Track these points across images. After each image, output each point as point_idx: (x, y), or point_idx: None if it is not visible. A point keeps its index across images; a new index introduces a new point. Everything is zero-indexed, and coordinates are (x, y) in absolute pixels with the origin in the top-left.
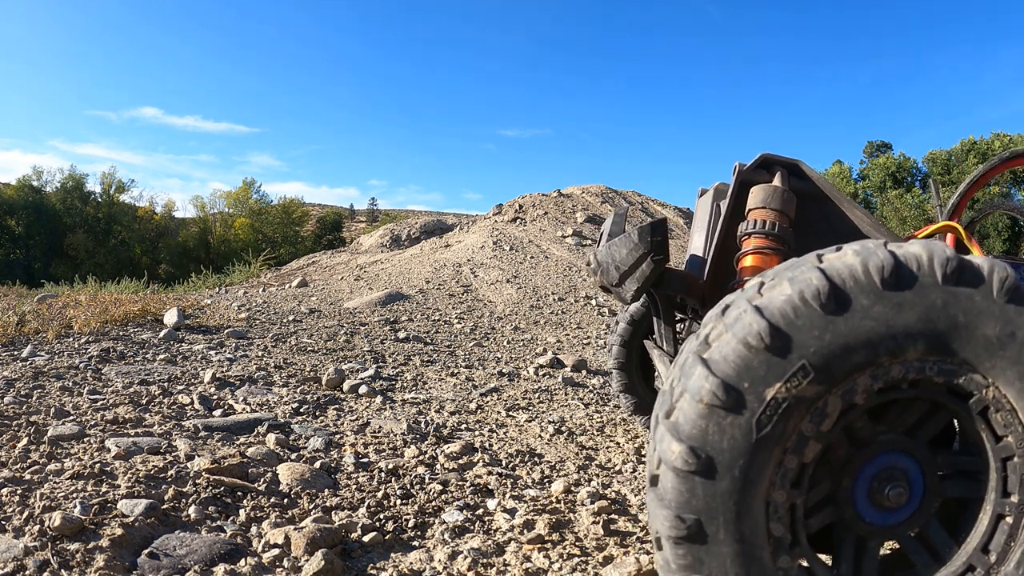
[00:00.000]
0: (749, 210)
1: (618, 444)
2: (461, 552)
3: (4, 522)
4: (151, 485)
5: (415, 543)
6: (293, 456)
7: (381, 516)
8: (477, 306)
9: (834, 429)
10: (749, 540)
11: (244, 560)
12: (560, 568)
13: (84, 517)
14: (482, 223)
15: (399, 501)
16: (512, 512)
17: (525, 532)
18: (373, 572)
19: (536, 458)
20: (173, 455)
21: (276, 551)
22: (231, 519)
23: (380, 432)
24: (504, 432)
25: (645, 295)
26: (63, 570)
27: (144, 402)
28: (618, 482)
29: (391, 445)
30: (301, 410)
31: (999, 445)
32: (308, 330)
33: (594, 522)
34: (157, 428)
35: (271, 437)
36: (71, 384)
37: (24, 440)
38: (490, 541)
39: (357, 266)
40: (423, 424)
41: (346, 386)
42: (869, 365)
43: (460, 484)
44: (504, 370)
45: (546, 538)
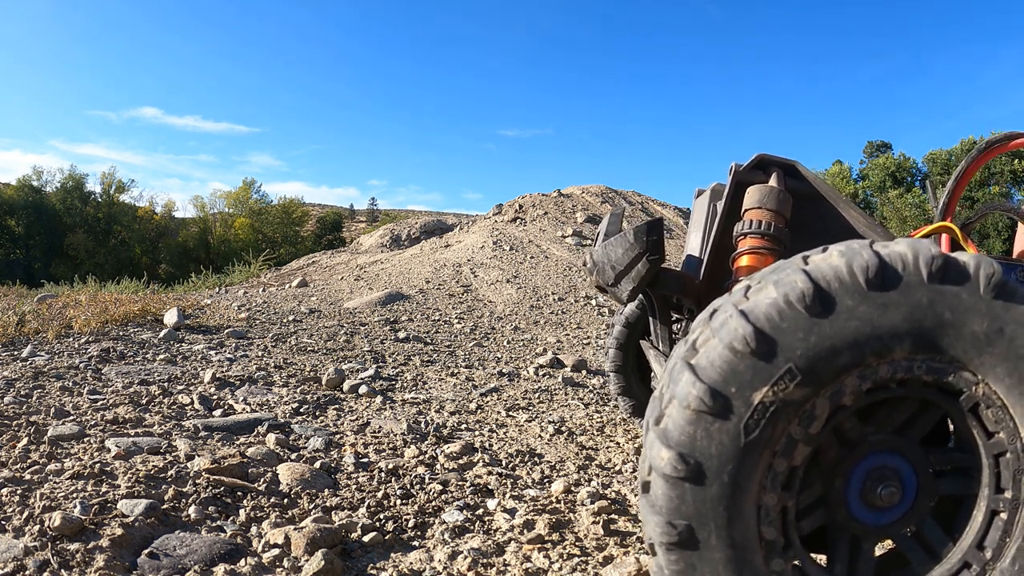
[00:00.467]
0: (745, 210)
1: (618, 444)
2: (461, 552)
3: (4, 522)
4: (151, 485)
5: (415, 543)
6: (293, 456)
7: (381, 516)
8: (477, 306)
9: (823, 431)
10: (741, 544)
11: (244, 560)
12: (560, 568)
13: (84, 517)
14: (482, 223)
15: (399, 501)
16: (512, 512)
17: (525, 532)
18: (373, 572)
19: (536, 458)
20: (173, 455)
21: (276, 551)
22: (231, 519)
23: (380, 432)
24: (504, 432)
25: (641, 295)
26: (63, 570)
27: (144, 402)
28: (618, 482)
29: (391, 445)
30: (301, 410)
31: (991, 441)
32: (308, 330)
33: (594, 522)
34: (157, 428)
35: (271, 437)
36: (71, 384)
37: (24, 440)
38: (490, 541)
39: (357, 266)
40: (423, 424)
41: (346, 386)
42: (856, 366)
43: (460, 484)
44: (504, 370)
45: (546, 538)
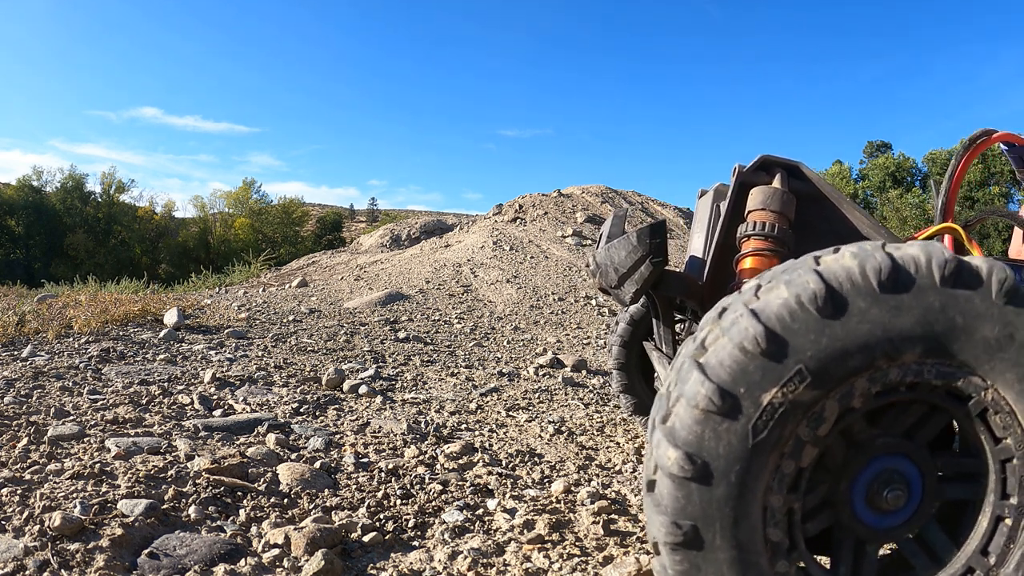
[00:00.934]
0: (748, 212)
1: (618, 444)
2: (461, 552)
3: (4, 522)
4: (151, 485)
5: (415, 543)
6: (293, 456)
7: (381, 516)
8: (477, 306)
9: (831, 433)
10: (746, 546)
11: (244, 560)
12: (560, 568)
13: (84, 517)
14: (482, 223)
15: (399, 501)
16: (512, 512)
17: (525, 532)
18: (373, 572)
19: (536, 458)
20: (173, 455)
21: (276, 551)
22: (231, 519)
23: (380, 432)
24: (504, 432)
25: (644, 297)
26: (63, 570)
27: (144, 402)
28: (618, 482)
29: (391, 445)
30: (301, 410)
31: (998, 447)
32: (308, 330)
33: (594, 522)
34: (157, 428)
35: (271, 437)
36: (71, 384)
37: (24, 440)
38: (490, 541)
39: (357, 266)
40: (423, 424)
41: (346, 386)
42: (866, 369)
43: (460, 484)
44: (504, 370)
45: (546, 538)
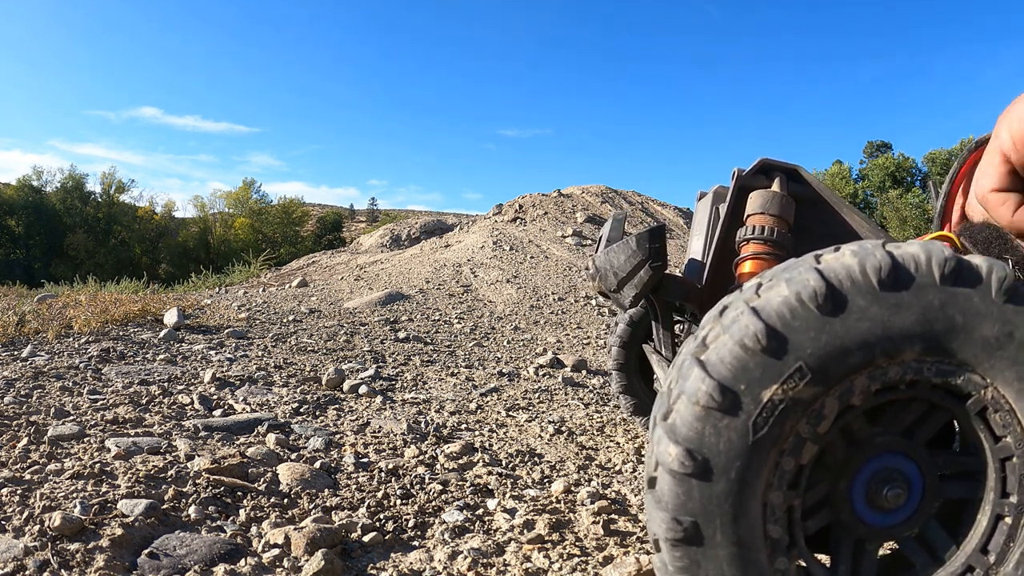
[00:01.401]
0: (747, 215)
1: (618, 444)
2: (461, 552)
3: (4, 522)
4: (151, 485)
5: (415, 543)
6: (293, 456)
7: (381, 516)
8: (477, 306)
9: (831, 431)
10: (746, 542)
11: (244, 560)
12: (560, 568)
13: (84, 517)
14: (482, 223)
15: (399, 501)
16: (512, 512)
17: (525, 532)
18: (373, 572)
19: (536, 458)
20: (173, 455)
21: (276, 551)
22: (231, 519)
23: (380, 432)
24: (504, 432)
25: (643, 300)
26: (63, 570)
27: (144, 402)
28: (618, 482)
29: (391, 445)
30: (301, 410)
31: (998, 446)
32: (308, 330)
33: (594, 522)
34: (157, 428)
35: (271, 437)
36: (71, 384)
37: (24, 440)
38: (490, 541)
39: (357, 266)
40: (423, 424)
41: (346, 386)
42: (866, 366)
43: (460, 484)
44: (504, 370)
45: (546, 538)
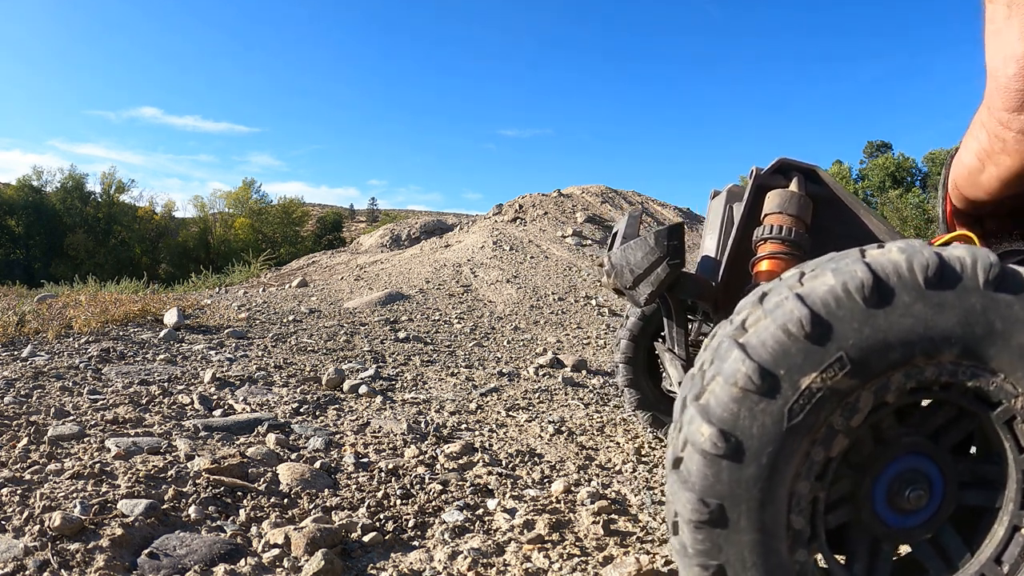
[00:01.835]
0: (765, 215)
1: (618, 444)
2: (461, 552)
3: (4, 522)
4: (151, 485)
5: (415, 543)
6: (293, 456)
7: (381, 516)
8: (477, 306)
9: (862, 425)
10: (770, 530)
11: (244, 560)
12: (560, 568)
13: (84, 517)
14: (482, 223)
15: (399, 501)
16: (512, 512)
17: (525, 532)
18: (373, 572)
19: (536, 458)
20: (173, 455)
21: (276, 551)
22: (231, 519)
23: (380, 432)
24: (504, 432)
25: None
26: (63, 570)
27: (144, 402)
28: (618, 482)
29: (391, 445)
30: (301, 410)
31: (1022, 456)
32: (308, 330)
33: (594, 522)
34: (157, 428)
35: (271, 437)
36: (71, 384)
37: (24, 440)
38: (490, 541)
39: (357, 266)
40: (423, 424)
41: (346, 386)
42: (904, 363)
43: (460, 484)
44: (504, 370)
45: (546, 538)
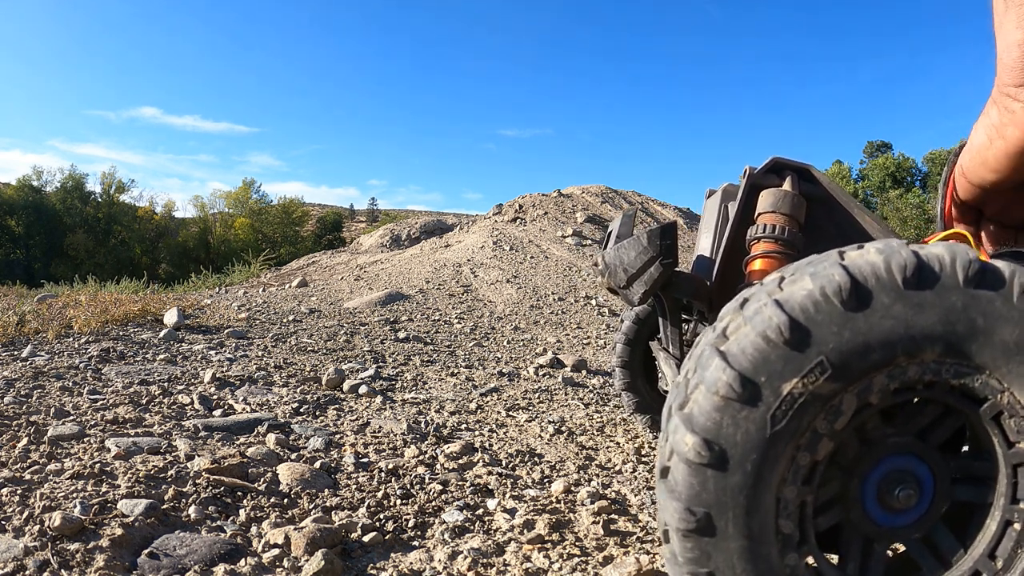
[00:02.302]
0: (759, 214)
1: (618, 444)
2: (461, 552)
3: (4, 522)
4: (151, 485)
5: (415, 543)
6: (293, 456)
7: (381, 516)
8: (477, 306)
9: (847, 428)
10: (758, 536)
11: (244, 560)
12: (560, 568)
13: (84, 517)
14: (482, 223)
15: (399, 501)
16: (512, 512)
17: (525, 532)
18: (373, 572)
19: (536, 458)
20: (173, 455)
21: (276, 551)
22: (231, 519)
23: (380, 432)
24: (504, 432)
25: (652, 297)
26: (63, 570)
27: (144, 402)
28: (618, 482)
29: (391, 445)
30: (301, 410)
31: (1011, 451)
32: (308, 330)
33: (594, 522)
34: (157, 428)
35: (271, 437)
36: (71, 384)
37: (24, 440)
38: (490, 541)
39: (357, 266)
40: (423, 424)
41: (346, 386)
42: (886, 364)
43: (460, 484)
44: (504, 370)
45: (546, 538)
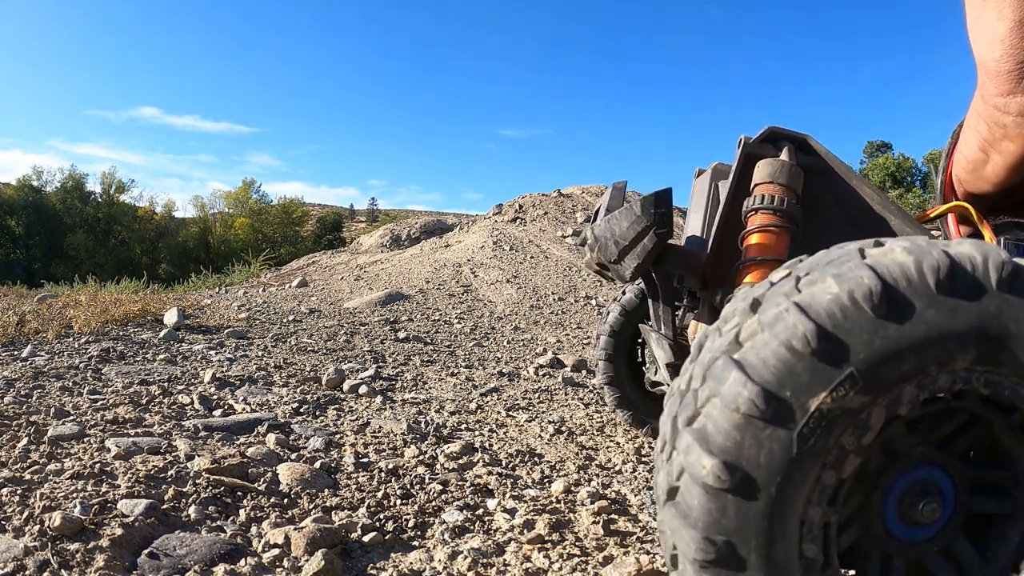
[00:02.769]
0: (755, 185)
1: (618, 444)
2: (461, 552)
3: (4, 522)
4: (151, 485)
5: (415, 543)
6: (293, 456)
7: (381, 516)
8: (477, 306)
9: (875, 442)
10: (782, 563)
11: (244, 560)
12: (560, 568)
13: (84, 517)
14: (482, 223)
15: (399, 501)
16: (512, 512)
17: (525, 532)
18: (373, 572)
19: (536, 458)
20: (173, 455)
21: (276, 551)
22: (231, 519)
23: (380, 432)
24: (504, 432)
25: (642, 276)
26: (63, 570)
27: (144, 402)
28: (618, 482)
29: (391, 445)
30: (301, 410)
31: None
32: (308, 330)
33: (594, 522)
34: (157, 428)
35: (271, 437)
36: (71, 384)
37: (24, 440)
38: (490, 541)
39: (357, 266)
40: (423, 424)
41: (346, 386)
42: (917, 374)
43: (460, 484)
44: (504, 370)
45: (546, 538)
